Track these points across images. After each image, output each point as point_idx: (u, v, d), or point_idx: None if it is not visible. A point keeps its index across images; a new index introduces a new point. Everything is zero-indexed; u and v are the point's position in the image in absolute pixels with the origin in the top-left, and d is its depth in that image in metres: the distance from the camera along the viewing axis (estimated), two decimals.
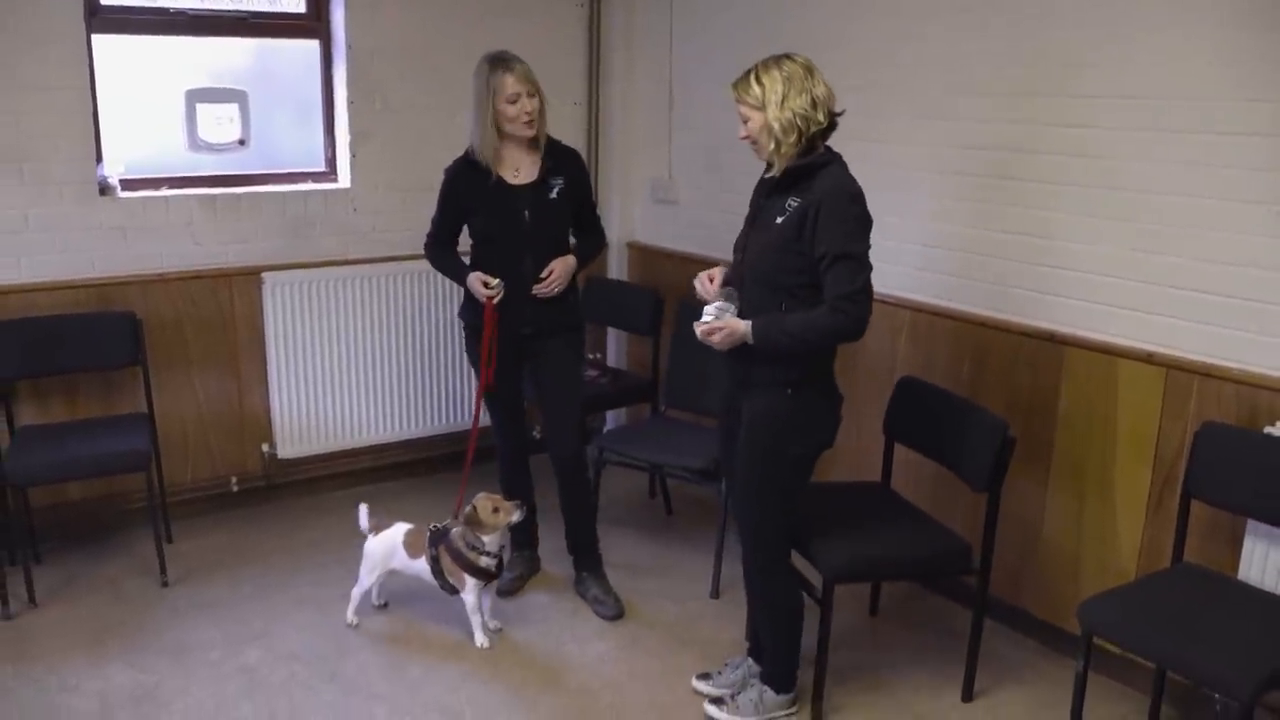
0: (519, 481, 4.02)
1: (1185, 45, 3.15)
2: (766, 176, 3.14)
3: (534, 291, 3.72)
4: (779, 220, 2.99)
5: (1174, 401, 3.28)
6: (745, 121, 3.01)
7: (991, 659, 3.57)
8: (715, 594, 4.07)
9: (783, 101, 2.91)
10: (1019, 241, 3.65)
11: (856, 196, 2.94)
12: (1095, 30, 3.34)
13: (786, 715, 3.35)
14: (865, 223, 2.95)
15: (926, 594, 4.11)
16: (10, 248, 4.14)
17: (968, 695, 3.45)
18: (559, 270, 3.74)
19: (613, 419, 5.49)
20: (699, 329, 3.06)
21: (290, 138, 4.83)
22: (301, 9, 4.70)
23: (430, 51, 4.83)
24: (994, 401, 3.60)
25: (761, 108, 2.94)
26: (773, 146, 2.97)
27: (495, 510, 3.60)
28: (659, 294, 4.77)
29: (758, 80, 2.95)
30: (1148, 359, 3.33)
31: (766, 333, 2.97)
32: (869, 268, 2.92)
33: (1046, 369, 3.62)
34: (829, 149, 3.03)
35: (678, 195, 5.15)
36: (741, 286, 3.09)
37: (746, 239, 3.14)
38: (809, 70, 2.95)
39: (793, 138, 2.93)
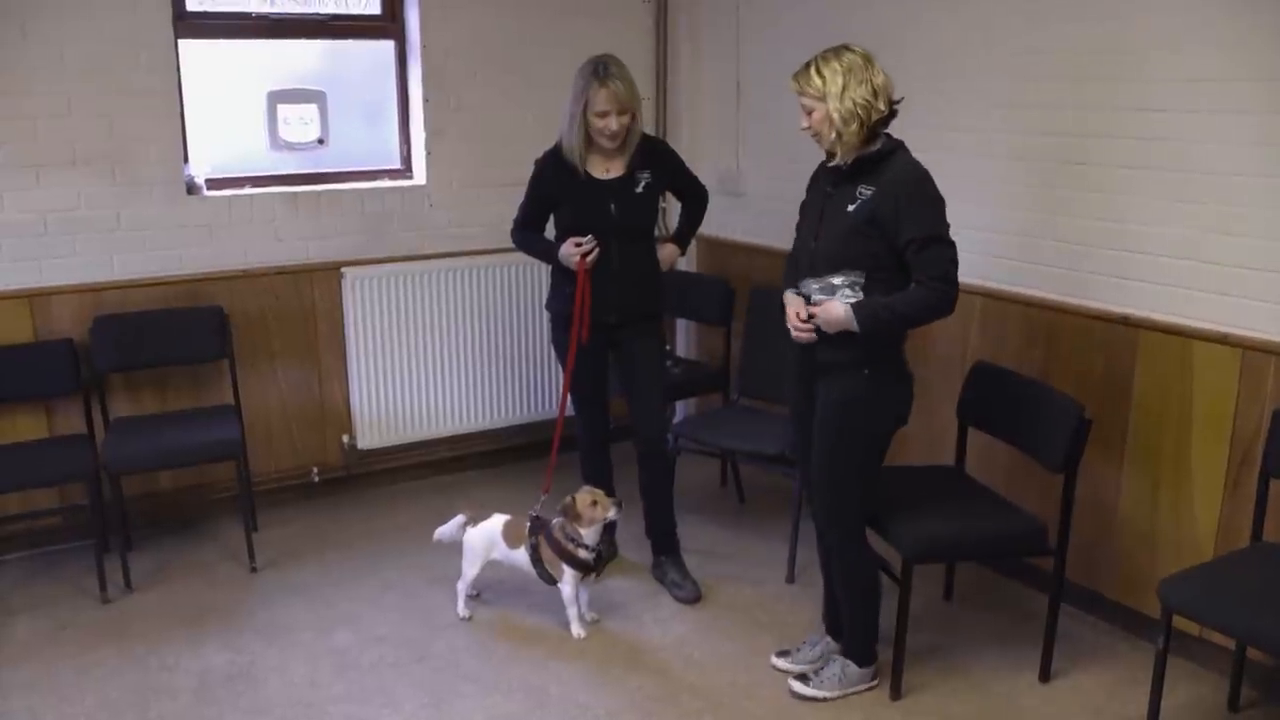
0: (599, 468, 4.09)
1: (1249, 27, 3.16)
2: (830, 165, 3.19)
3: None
4: (850, 208, 3.06)
5: (1250, 382, 3.29)
6: (809, 113, 3.07)
7: (1066, 640, 3.58)
8: (791, 579, 4.12)
9: (843, 92, 2.97)
10: (1091, 226, 3.67)
11: (929, 179, 3.05)
12: (1160, 15, 3.36)
13: (868, 688, 3.41)
14: (943, 203, 3.05)
15: (998, 578, 4.13)
16: (104, 246, 4.29)
17: (1045, 676, 3.47)
18: (668, 259, 4.02)
19: (682, 409, 5.54)
20: (799, 316, 3.13)
21: (365, 136, 4.94)
22: (377, 10, 4.81)
23: (503, 50, 4.92)
24: (1066, 385, 3.61)
25: (823, 99, 3.00)
26: (834, 137, 3.03)
27: (594, 504, 3.66)
28: (729, 284, 4.83)
29: (818, 72, 3.01)
30: (1223, 340, 3.34)
31: (871, 311, 3.03)
32: (955, 246, 3.03)
33: (1120, 352, 3.63)
34: (890, 136, 3.09)
35: (746, 187, 5.19)
36: (810, 271, 3.16)
37: (818, 225, 3.18)
38: (868, 60, 3.01)
39: (854, 127, 2.98)
